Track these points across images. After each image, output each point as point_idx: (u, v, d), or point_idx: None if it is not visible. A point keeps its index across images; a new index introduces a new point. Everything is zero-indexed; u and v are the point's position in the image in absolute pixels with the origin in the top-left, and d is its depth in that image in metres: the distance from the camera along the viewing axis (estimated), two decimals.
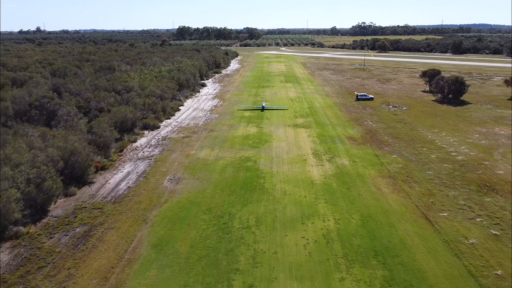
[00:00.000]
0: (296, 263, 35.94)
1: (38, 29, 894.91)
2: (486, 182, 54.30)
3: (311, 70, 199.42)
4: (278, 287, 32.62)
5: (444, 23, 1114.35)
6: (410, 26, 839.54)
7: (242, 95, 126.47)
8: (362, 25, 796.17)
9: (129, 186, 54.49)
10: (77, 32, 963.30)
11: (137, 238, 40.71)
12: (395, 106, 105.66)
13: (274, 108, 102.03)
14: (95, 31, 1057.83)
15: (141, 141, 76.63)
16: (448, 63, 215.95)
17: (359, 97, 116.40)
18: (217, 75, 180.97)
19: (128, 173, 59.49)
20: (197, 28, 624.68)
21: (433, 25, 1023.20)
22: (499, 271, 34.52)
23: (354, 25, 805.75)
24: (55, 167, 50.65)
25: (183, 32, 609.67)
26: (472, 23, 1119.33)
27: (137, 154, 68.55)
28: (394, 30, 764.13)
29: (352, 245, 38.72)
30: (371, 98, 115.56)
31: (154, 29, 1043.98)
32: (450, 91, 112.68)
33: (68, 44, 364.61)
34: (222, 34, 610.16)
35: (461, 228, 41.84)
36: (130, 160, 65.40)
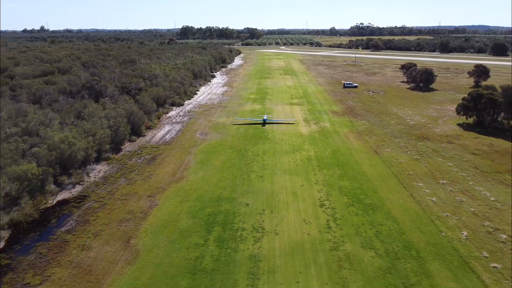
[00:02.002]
0: (288, 168, 58.92)
1: (42, 28, 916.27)
2: (424, 135, 77.27)
3: (307, 65, 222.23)
4: (277, 177, 55.48)
5: (441, 25, 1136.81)
6: (407, 27, 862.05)
7: (247, 84, 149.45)
8: (361, 26, 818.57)
9: (172, 137, 77.44)
10: (80, 31, 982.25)
11: (187, 160, 63.63)
12: (374, 92, 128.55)
13: (278, 122, 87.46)
14: (97, 31, 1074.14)
15: (172, 113, 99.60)
16: (432, 60, 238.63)
17: (345, 85, 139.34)
18: (223, 69, 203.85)
19: (169, 130, 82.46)
20: (200, 28, 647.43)
21: (430, 26, 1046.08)
22: (411, 172, 57.38)
23: (353, 26, 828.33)
24: (117, 122, 73.52)
25: (186, 32, 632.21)
26: (471, 24, 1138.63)
27: (172, 120, 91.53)
28: (392, 31, 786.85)
29: (323, 162, 61.68)
30: (356, 86, 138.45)
31: (155, 29, 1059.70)
32: (421, 80, 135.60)
33: (79, 42, 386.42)
34: (224, 34, 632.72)
35: (396, 155, 64.82)
36: (168, 123, 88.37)
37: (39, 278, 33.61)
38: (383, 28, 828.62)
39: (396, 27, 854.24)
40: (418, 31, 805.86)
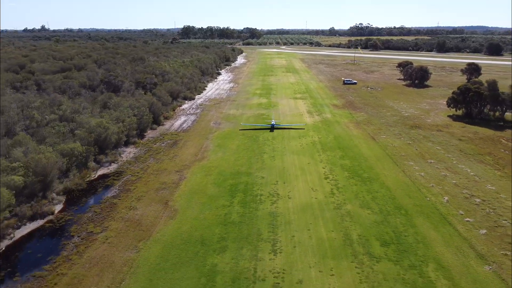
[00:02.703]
0: (296, 150, 67.07)
1: (43, 28, 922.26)
2: (417, 125, 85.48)
3: (308, 64, 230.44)
4: (286, 157, 63.58)
5: (440, 25, 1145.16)
6: (406, 28, 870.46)
7: (252, 80, 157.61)
8: (360, 26, 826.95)
9: (188, 126, 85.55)
10: (80, 31, 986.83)
11: (205, 144, 71.73)
12: (372, 88, 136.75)
13: (287, 127, 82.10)
14: (96, 31, 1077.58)
15: (185, 106, 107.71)
16: (429, 59, 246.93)
17: (345, 82, 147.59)
18: (228, 67, 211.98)
19: (185, 120, 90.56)
20: (201, 27, 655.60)
21: (429, 26, 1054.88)
22: (403, 153, 65.53)
23: (352, 26, 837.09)
24: (140, 112, 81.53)
25: (187, 32, 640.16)
26: (470, 25, 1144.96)
27: (186, 112, 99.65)
28: (390, 31, 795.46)
29: (327, 146, 69.84)
30: (355, 83, 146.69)
31: (154, 29, 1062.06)
32: (416, 77, 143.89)
33: (83, 42, 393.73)
34: (225, 33, 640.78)
35: (391, 141, 72.99)
36: (182, 115, 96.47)
37: (99, 228, 41.67)
38: (382, 28, 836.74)
39: (395, 27, 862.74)
40: (417, 31, 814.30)
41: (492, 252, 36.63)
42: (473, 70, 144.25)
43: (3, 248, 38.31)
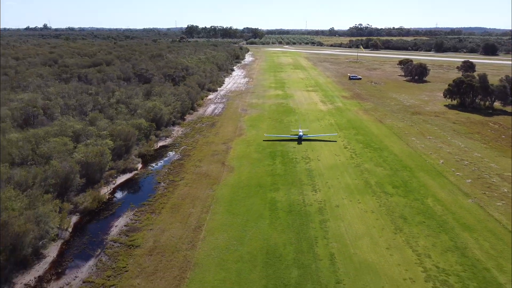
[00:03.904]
0: (316, 129, 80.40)
1: (45, 26, 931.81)
2: (417, 112, 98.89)
3: (314, 62, 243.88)
4: (310, 131, 76.85)
5: (438, 26, 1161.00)
6: (405, 28, 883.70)
7: (264, 76, 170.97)
8: (359, 26, 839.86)
9: (220, 111, 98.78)
10: (82, 29, 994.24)
11: (239, 125, 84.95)
12: (376, 83, 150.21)
13: (317, 139, 73.48)
14: (97, 29, 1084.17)
15: (211, 96, 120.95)
16: (427, 58, 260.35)
17: (351, 77, 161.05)
18: (238, 64, 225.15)
19: (215, 107, 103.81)
20: (205, 27, 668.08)
21: (427, 27, 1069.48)
22: (406, 132, 78.91)
23: (352, 26, 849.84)
24: (180, 99, 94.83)
25: (191, 31, 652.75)
26: (468, 26, 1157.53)
27: (213, 101, 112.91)
28: (389, 31, 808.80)
29: (342, 126, 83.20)
30: (360, 78, 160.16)
31: (154, 28, 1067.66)
32: (416, 73, 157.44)
33: (92, 40, 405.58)
34: (228, 33, 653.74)
35: (395, 123, 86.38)
36: (211, 103, 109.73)
37: (178, 178, 54.90)
38: (381, 29, 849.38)
39: (394, 28, 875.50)
40: (416, 32, 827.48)
41: (474, 192, 50.00)
42: (468, 67, 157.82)
43: (112, 188, 51.56)
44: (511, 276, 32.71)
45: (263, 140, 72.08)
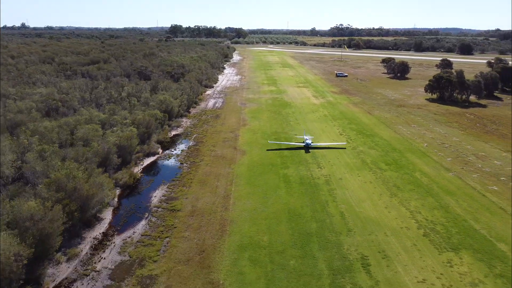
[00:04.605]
0: (313, 119, 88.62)
1: (23, 25, 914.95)
2: (402, 105, 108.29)
3: (300, 61, 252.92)
4: (308, 124, 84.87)
5: (416, 27, 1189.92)
6: (384, 29, 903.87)
7: (255, 73, 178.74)
8: (340, 27, 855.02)
9: (221, 105, 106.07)
10: (61, 28, 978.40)
11: (241, 116, 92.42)
12: (362, 80, 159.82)
13: (326, 147, 68.23)
14: (77, 29, 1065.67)
15: (209, 92, 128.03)
16: (408, 57, 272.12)
17: (337, 75, 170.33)
18: (228, 63, 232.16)
19: (216, 102, 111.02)
20: (189, 26, 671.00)
21: (406, 28, 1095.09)
22: (393, 121, 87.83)
23: (333, 27, 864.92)
24: (185, 93, 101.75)
25: (175, 31, 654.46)
26: (445, 27, 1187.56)
27: (212, 96, 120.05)
28: (370, 32, 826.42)
29: (335, 117, 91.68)
30: (346, 76, 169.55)
31: (136, 27, 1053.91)
32: (398, 71, 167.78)
33: (75, 39, 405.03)
34: (212, 33, 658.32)
35: (383, 114, 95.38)
36: (211, 98, 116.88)
37: (198, 159, 62.10)
38: (361, 29, 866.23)
39: (374, 28, 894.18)
40: (395, 32, 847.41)
41: (454, 168, 58.91)
42: (446, 65, 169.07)
43: (142, 168, 58.51)
44: (485, 225, 41.34)
45: (267, 150, 66.28)
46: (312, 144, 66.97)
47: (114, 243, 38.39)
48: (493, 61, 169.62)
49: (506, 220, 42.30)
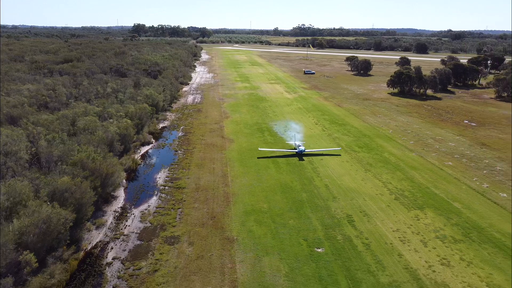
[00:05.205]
0: (289, 112, 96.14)
1: None
2: (367, 98, 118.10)
3: (267, 59, 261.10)
4: (285, 116, 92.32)
5: (374, 27, 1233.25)
6: (345, 29, 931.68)
7: (227, 71, 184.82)
8: (302, 27, 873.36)
9: (200, 100, 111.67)
10: (15, 27, 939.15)
11: (222, 110, 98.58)
12: (328, 76, 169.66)
13: (320, 153, 64.67)
14: (32, 27, 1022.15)
15: (185, 89, 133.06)
16: (369, 56, 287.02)
17: (305, 72, 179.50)
18: (197, 62, 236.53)
19: (194, 97, 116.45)
20: (152, 26, 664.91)
21: (365, 28, 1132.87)
22: (361, 112, 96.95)
23: (295, 26, 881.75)
24: (167, 89, 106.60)
25: (138, 30, 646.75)
26: (401, 27, 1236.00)
27: (190, 92, 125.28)
28: (331, 32, 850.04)
29: (309, 109, 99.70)
30: (313, 73, 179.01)
31: (94, 26, 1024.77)
32: (362, 68, 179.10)
33: (32, 38, 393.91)
34: (176, 32, 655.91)
35: (351, 107, 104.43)
36: (189, 94, 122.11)
37: (191, 147, 67.88)
38: (323, 29, 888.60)
39: (335, 28, 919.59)
40: (355, 32, 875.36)
41: (416, 149, 68.03)
42: (404, 62, 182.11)
43: (140, 155, 63.69)
44: (443, 190, 50.09)
45: (258, 157, 61.96)
46: (305, 151, 63.74)
47: (133, 214, 43.88)
48: (446, 59, 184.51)
49: (459, 186, 51.30)
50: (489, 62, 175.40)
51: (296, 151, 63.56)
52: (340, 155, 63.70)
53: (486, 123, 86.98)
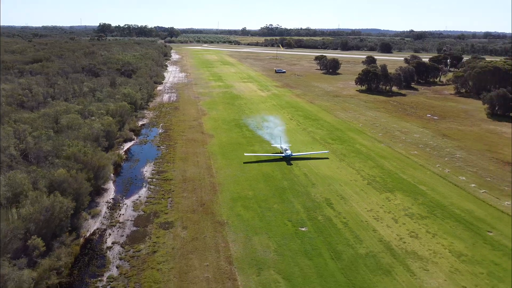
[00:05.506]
0: (265, 108, 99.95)
1: None
2: (337, 95, 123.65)
3: (238, 59, 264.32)
4: (261, 112, 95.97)
5: (340, 27, 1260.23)
6: (312, 29, 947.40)
7: (200, 71, 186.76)
8: (270, 27, 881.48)
9: (176, 99, 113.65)
10: None
11: (199, 107, 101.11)
12: (299, 75, 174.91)
13: (307, 157, 63.00)
14: None
15: (160, 88, 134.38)
16: (336, 55, 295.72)
17: (276, 71, 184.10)
18: (168, 61, 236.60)
19: (170, 96, 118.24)
20: (118, 25, 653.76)
21: (331, 28, 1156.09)
22: (332, 108, 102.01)
23: (263, 26, 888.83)
24: (143, 88, 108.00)
25: (104, 29, 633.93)
26: (365, 28, 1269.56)
27: (164, 91, 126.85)
28: (298, 32, 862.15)
29: (283, 106, 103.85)
30: (284, 72, 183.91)
31: (56, 26, 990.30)
32: (330, 67, 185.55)
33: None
34: (144, 32, 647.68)
35: (323, 103, 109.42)
36: (164, 93, 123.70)
37: (173, 142, 70.26)
38: (290, 29, 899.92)
39: (302, 28, 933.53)
40: (321, 32, 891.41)
41: (385, 140, 73.31)
42: (370, 61, 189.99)
43: (124, 151, 65.60)
44: (410, 175, 55.16)
45: (244, 162, 59.61)
46: (293, 155, 61.73)
47: (126, 204, 46.22)
48: (409, 58, 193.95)
49: (424, 172, 56.62)
50: (448, 61, 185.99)
51: (283, 155, 61.45)
52: (328, 158, 62.11)
53: (446, 117, 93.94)
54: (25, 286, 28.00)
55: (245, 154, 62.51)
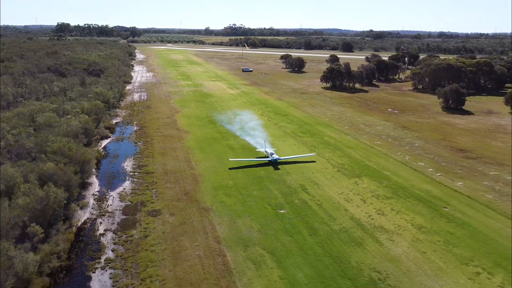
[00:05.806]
0: (235, 106, 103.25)
1: None
2: (304, 92, 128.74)
3: (204, 58, 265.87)
4: (232, 109, 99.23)
5: (302, 27, 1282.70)
6: (275, 29, 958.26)
7: (167, 70, 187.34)
8: (233, 26, 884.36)
9: (147, 98, 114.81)
10: None
11: (171, 106, 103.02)
12: (266, 74, 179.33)
13: (295, 160, 60.77)
14: None
15: (129, 87, 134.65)
16: (301, 54, 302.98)
17: (244, 70, 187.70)
18: (134, 61, 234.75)
19: (140, 95, 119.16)
20: (78, 25, 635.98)
21: (294, 28, 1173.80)
22: (300, 105, 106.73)
23: (226, 26, 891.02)
24: (114, 87, 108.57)
25: (62, 29, 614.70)
26: (327, 27, 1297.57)
27: (134, 90, 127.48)
28: (262, 31, 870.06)
29: (253, 103, 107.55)
30: (251, 71, 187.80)
31: (8, 25, 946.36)
32: (296, 65, 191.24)
33: None
34: (104, 31, 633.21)
35: (291, 100, 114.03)
36: (134, 92, 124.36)
37: (150, 138, 72.22)
38: (254, 29, 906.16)
39: (265, 28, 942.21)
40: (284, 32, 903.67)
41: (351, 133, 78.55)
42: (334, 60, 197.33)
43: (102, 147, 67.07)
44: (375, 163, 60.29)
45: (229, 168, 56.91)
46: (280, 159, 59.18)
47: (112, 196, 48.32)
48: (370, 56, 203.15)
49: (387, 159, 61.99)
50: (406, 59, 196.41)
51: (269, 159, 58.81)
52: (315, 161, 60.36)
53: (406, 111, 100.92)
54: (31, 267, 30.06)
55: (229, 159, 59.91)
